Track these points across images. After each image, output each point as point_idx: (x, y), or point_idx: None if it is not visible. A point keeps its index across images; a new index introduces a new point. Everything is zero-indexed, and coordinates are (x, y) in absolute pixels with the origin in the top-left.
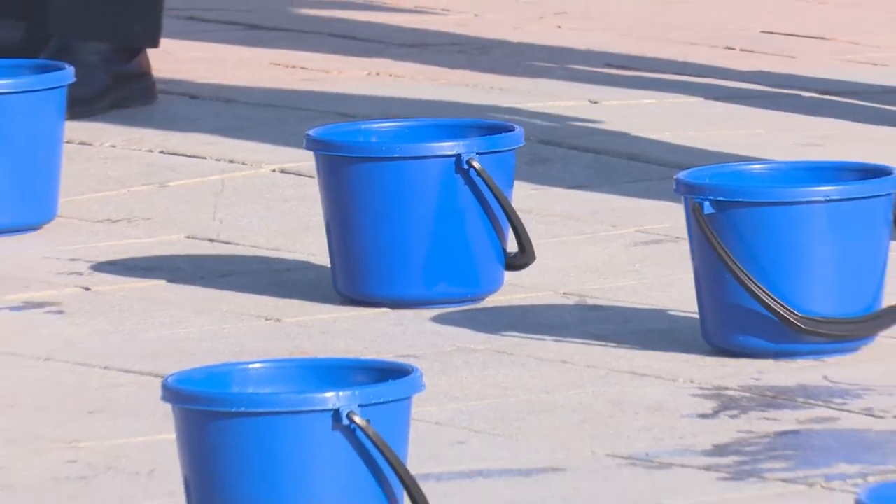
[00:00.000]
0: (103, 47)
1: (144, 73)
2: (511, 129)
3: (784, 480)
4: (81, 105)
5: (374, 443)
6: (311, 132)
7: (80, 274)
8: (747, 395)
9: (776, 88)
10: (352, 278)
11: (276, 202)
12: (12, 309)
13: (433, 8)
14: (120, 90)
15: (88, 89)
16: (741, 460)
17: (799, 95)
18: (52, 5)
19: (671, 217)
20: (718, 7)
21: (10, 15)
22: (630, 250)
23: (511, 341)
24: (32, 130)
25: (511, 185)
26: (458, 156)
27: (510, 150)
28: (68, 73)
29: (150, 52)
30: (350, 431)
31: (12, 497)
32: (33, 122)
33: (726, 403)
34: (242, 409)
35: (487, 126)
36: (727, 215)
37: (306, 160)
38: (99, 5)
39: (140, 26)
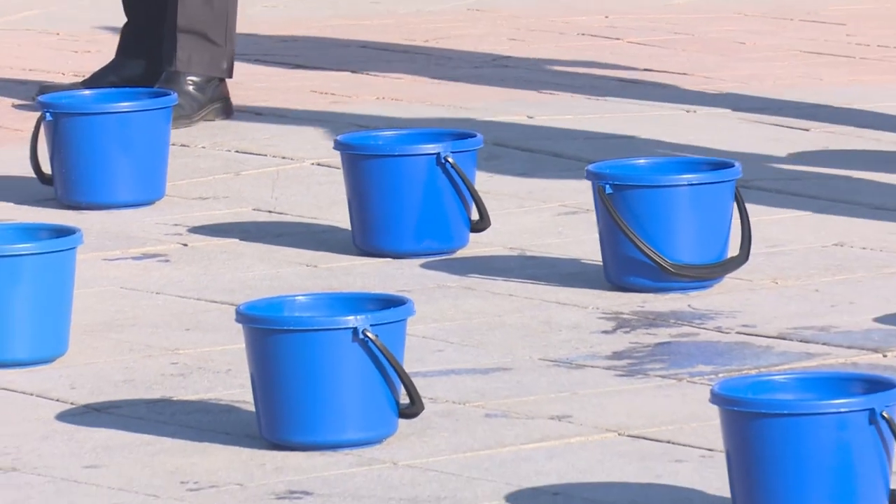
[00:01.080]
0: (197, 78)
1: (225, 97)
2: (474, 136)
3: (661, 376)
4: (182, 119)
5: (381, 351)
6: (338, 138)
7: (180, 234)
8: (635, 317)
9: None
10: (365, 237)
11: (313, 186)
12: (134, 258)
13: (431, 51)
14: (208, 108)
15: (187, 108)
16: (631, 362)
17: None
18: (163, 49)
19: (583, 195)
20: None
21: (135, 56)
22: (555, 218)
23: (474, 281)
24: (149, 137)
25: (474, 174)
26: (438, 154)
27: (473, 150)
28: (173, 97)
29: (228, 81)
30: (364, 343)
31: (133, 388)
32: (150, 131)
33: (621, 323)
34: (289, 328)
35: (457, 133)
36: (621, 194)
37: (335, 157)
38: (194, 50)
39: (223, 63)
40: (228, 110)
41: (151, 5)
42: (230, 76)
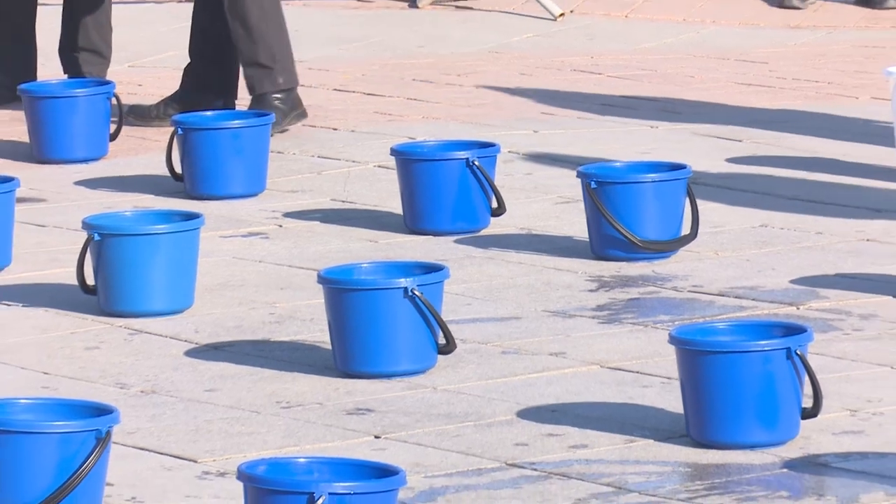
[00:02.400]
0: (279, 95)
1: (299, 105)
2: (494, 145)
3: (632, 323)
4: (274, 129)
5: (424, 304)
6: (393, 146)
7: (276, 218)
8: (613, 280)
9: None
10: (413, 220)
11: (375, 182)
12: (242, 236)
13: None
14: (290, 116)
15: (279, 119)
16: (610, 313)
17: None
18: (246, 76)
19: (575, 189)
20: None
21: (193, 89)
22: (554, 206)
23: (494, 252)
24: (254, 145)
25: (494, 173)
26: (468, 158)
27: (493, 155)
28: (271, 116)
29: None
30: (413, 298)
31: (241, 332)
32: (255, 141)
33: (602, 284)
34: (357, 287)
35: (482, 143)
36: (603, 188)
37: (391, 161)
38: (256, 76)
39: (279, 78)
40: (304, 115)
41: (209, 49)
42: (293, 84)
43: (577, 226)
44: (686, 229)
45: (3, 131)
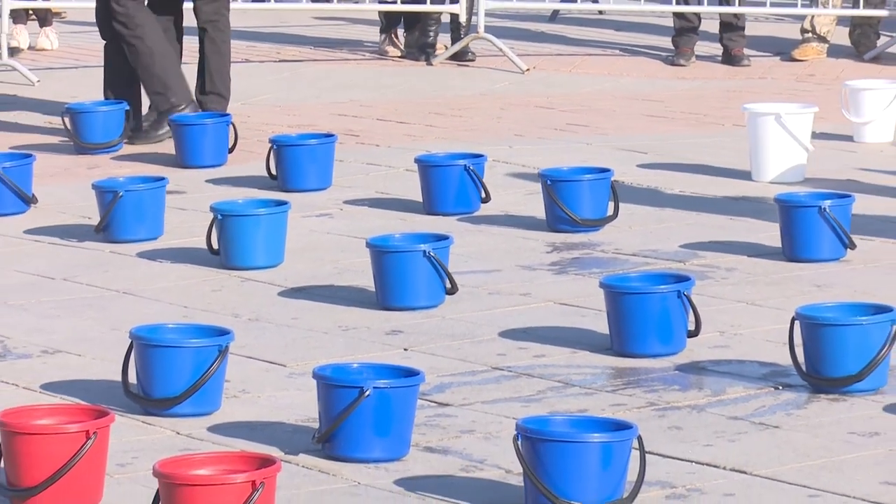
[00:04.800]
0: (167, 111)
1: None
2: (483, 156)
3: (575, 274)
4: (145, 138)
5: (436, 262)
6: (416, 157)
7: (338, 204)
8: (563, 245)
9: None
10: (429, 206)
11: (405, 181)
12: (315, 216)
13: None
14: (162, 132)
15: (150, 132)
16: (560, 267)
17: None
18: (150, 101)
19: (537, 185)
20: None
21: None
22: (524, 196)
23: (483, 227)
24: (324, 157)
25: (483, 173)
26: (466, 164)
27: (482, 163)
28: (335, 137)
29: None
30: (429, 258)
31: (315, 280)
32: (325, 154)
33: (555, 248)
34: (391, 250)
35: (475, 154)
36: (555, 185)
37: (414, 167)
38: (165, 95)
39: (187, 96)
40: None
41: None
42: (187, 101)
43: (538, 209)
44: (610, 211)
45: (159, 147)
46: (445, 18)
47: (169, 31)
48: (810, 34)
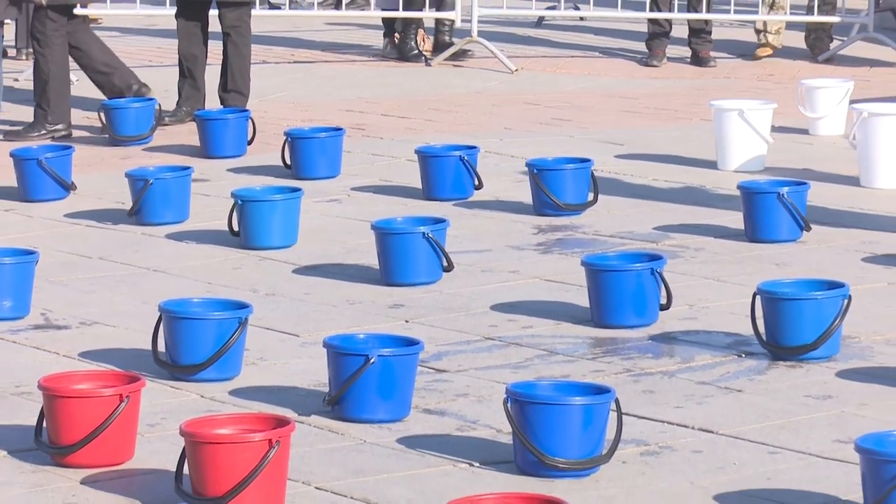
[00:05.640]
0: (48, 128)
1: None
2: (476, 147)
3: (559, 254)
4: (25, 136)
5: (434, 242)
6: (416, 148)
7: (346, 191)
8: (549, 228)
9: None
10: (428, 192)
11: (406, 170)
12: (325, 202)
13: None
14: (45, 132)
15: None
16: (546, 247)
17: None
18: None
19: (524, 174)
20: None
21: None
22: (513, 184)
23: (477, 211)
24: (333, 149)
25: (476, 163)
26: (461, 155)
27: (476, 154)
28: (343, 131)
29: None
30: (428, 239)
31: (325, 258)
32: (334, 147)
33: (541, 230)
34: (394, 232)
35: (469, 146)
36: (541, 173)
37: (415, 157)
38: (46, 113)
39: (65, 119)
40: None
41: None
42: (62, 122)
43: (525, 195)
44: (591, 197)
45: (186, 139)
46: (430, 23)
47: (196, 35)
48: (762, 33)
